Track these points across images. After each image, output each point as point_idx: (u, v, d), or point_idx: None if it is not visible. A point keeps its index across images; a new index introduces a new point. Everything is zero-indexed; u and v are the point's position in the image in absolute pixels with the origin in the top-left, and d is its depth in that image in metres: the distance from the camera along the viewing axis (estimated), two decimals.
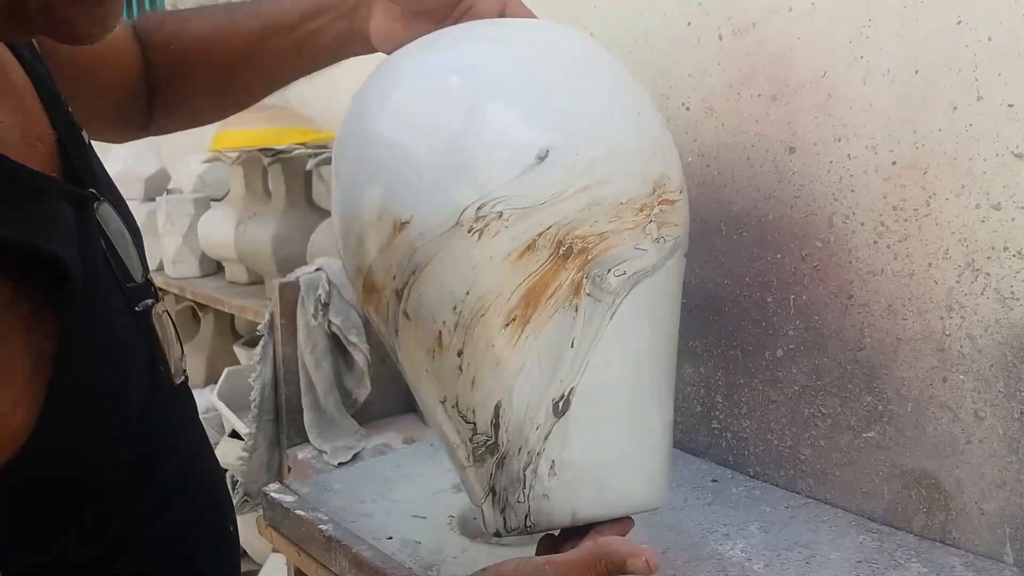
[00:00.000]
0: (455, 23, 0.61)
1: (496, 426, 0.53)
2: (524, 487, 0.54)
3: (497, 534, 0.56)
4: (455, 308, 0.52)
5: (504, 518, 0.55)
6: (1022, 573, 0.70)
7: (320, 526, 0.81)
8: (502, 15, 0.63)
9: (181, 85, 0.71)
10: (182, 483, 0.52)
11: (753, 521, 0.80)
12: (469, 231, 0.52)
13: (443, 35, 0.59)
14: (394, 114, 0.56)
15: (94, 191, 0.48)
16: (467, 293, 0.52)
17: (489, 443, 0.54)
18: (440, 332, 0.53)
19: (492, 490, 0.55)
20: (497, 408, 0.53)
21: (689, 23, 0.91)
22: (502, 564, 0.52)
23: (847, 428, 0.82)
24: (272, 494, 0.89)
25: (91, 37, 0.40)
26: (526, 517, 0.55)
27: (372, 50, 0.66)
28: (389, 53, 0.62)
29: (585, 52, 0.60)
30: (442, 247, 0.52)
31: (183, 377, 0.54)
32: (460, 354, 0.53)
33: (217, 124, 1.60)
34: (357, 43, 0.67)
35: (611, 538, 0.52)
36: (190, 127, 0.77)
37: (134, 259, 0.50)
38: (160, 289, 0.72)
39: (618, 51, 0.98)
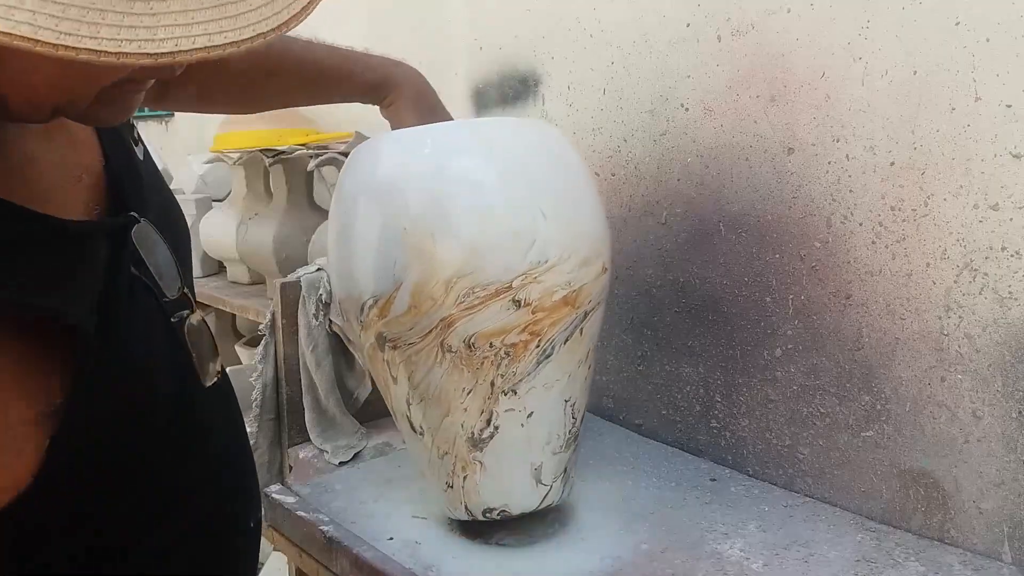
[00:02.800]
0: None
1: (581, 422, 0.79)
2: (575, 466, 0.81)
3: (552, 506, 0.78)
4: (597, 337, 0.79)
5: (565, 489, 0.78)
6: (1020, 572, 0.71)
7: (321, 527, 0.81)
8: None
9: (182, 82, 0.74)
10: (212, 476, 0.54)
11: (752, 520, 0.81)
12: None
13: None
14: None
15: (134, 214, 0.50)
16: (600, 330, 0.79)
17: (577, 433, 0.78)
18: (590, 350, 0.76)
19: (566, 470, 0.78)
20: (584, 409, 0.79)
21: (688, 24, 0.91)
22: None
23: (845, 427, 0.82)
24: (273, 495, 0.89)
25: (110, 123, 0.48)
26: (572, 488, 0.80)
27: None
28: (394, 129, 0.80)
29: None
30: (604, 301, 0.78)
31: (215, 379, 0.56)
32: (590, 368, 0.78)
33: (218, 125, 1.60)
34: (363, 102, 0.81)
35: None
36: (162, 110, 0.85)
37: (169, 275, 0.53)
38: None
39: (617, 52, 0.98)
